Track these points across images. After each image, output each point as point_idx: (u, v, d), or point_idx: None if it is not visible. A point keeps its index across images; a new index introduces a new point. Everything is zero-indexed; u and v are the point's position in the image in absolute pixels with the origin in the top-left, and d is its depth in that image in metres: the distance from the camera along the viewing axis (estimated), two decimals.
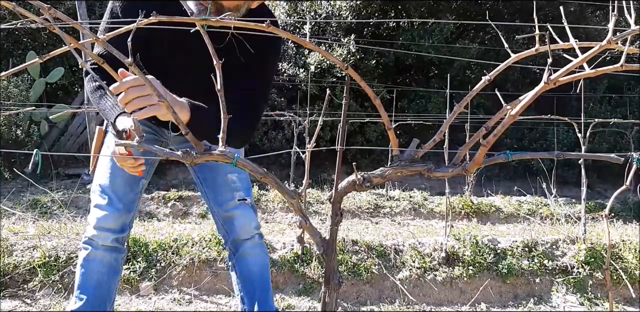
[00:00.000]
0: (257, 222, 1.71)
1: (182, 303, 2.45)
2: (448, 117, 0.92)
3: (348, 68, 0.79)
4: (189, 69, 1.47)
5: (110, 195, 1.55)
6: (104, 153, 1.59)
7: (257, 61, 1.46)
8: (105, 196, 1.56)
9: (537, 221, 4.08)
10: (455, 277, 2.74)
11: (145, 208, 4.14)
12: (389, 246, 2.90)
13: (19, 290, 2.43)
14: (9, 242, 2.63)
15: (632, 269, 2.82)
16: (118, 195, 1.56)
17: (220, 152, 0.85)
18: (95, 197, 1.57)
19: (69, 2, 6.39)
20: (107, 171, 1.58)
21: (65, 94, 6.56)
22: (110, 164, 1.58)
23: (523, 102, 0.76)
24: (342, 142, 1.72)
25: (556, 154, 0.79)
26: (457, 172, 0.85)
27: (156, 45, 1.46)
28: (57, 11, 0.72)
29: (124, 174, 1.60)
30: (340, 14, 6.35)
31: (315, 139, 2.68)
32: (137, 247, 2.68)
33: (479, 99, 6.44)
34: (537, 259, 2.89)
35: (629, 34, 0.68)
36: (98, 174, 1.61)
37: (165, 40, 1.40)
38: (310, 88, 5.45)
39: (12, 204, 3.89)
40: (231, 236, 1.69)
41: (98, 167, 1.62)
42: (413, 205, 4.50)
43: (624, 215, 4.55)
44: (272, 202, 4.32)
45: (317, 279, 2.65)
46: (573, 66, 0.71)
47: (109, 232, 1.54)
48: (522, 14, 6.85)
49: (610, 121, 3.17)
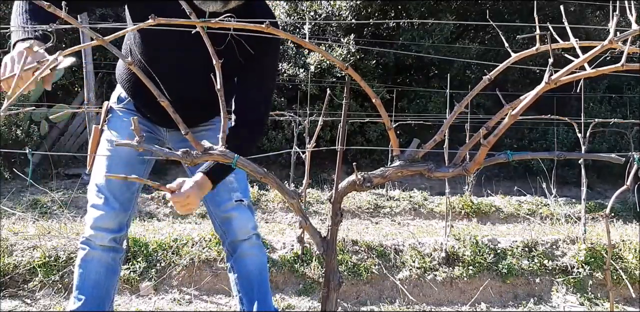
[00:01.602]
0: (254, 222, 1.70)
1: (182, 303, 2.45)
2: (448, 117, 0.92)
3: (348, 68, 0.79)
4: (188, 68, 1.47)
5: (107, 194, 1.55)
6: (101, 152, 1.59)
7: (256, 63, 1.47)
8: (102, 195, 1.55)
9: (537, 221, 4.08)
10: (455, 277, 2.74)
11: (145, 208, 4.14)
12: (389, 246, 2.90)
13: (19, 290, 2.42)
14: (9, 242, 2.63)
15: (632, 269, 2.82)
16: (114, 194, 1.55)
17: (220, 152, 0.85)
18: (92, 196, 1.57)
19: None
20: (103, 170, 1.57)
21: (65, 94, 6.56)
22: (106, 162, 1.58)
23: (524, 102, 0.76)
24: (342, 142, 1.72)
25: (556, 154, 0.79)
26: (458, 172, 0.85)
27: (156, 45, 1.46)
28: (57, 9, 0.72)
29: (120, 172, 1.60)
30: (340, 14, 6.35)
31: (315, 139, 2.68)
32: (137, 247, 2.68)
33: (479, 99, 6.43)
34: (537, 259, 2.89)
35: (630, 34, 0.68)
36: (94, 173, 1.60)
37: (165, 40, 1.40)
38: (310, 88, 5.44)
39: (12, 204, 3.89)
40: (229, 237, 1.68)
41: (94, 166, 1.62)
42: (413, 205, 4.50)
43: (624, 215, 4.55)
44: (272, 202, 4.31)
45: (317, 279, 2.65)
46: (574, 66, 0.71)
47: (106, 232, 1.53)
48: (522, 14, 6.85)
49: (610, 121, 3.17)
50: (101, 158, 1.58)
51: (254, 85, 1.50)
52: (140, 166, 1.62)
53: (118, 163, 1.58)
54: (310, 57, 5.88)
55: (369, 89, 0.82)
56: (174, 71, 1.48)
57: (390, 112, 4.82)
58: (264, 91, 1.53)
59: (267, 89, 1.55)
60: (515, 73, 6.80)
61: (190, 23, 0.78)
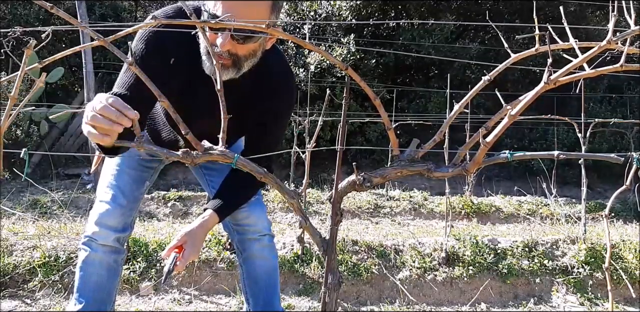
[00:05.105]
0: (266, 221, 1.68)
1: (182, 303, 2.45)
2: (448, 117, 0.92)
3: (348, 68, 0.79)
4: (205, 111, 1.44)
5: (115, 191, 1.56)
6: None
7: (271, 117, 1.50)
8: (110, 191, 1.56)
9: (537, 221, 4.08)
10: (455, 277, 2.74)
11: (145, 208, 4.14)
12: (389, 246, 2.90)
13: (19, 290, 2.42)
14: (9, 242, 2.63)
15: (632, 269, 2.82)
16: (123, 191, 1.56)
17: (220, 152, 0.85)
18: (100, 192, 1.58)
19: (69, 2, 6.39)
20: (114, 169, 1.60)
21: (65, 94, 6.56)
22: (118, 161, 1.60)
23: (523, 102, 0.76)
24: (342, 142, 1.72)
25: (556, 154, 0.79)
26: (457, 172, 0.85)
27: (173, 88, 1.43)
28: (59, 10, 0.72)
29: (130, 171, 1.61)
30: (340, 14, 6.35)
31: (315, 139, 2.68)
32: (137, 247, 2.68)
33: (479, 99, 6.43)
34: (537, 259, 2.89)
35: (628, 35, 0.68)
36: (105, 171, 1.63)
37: (182, 83, 1.39)
38: (310, 88, 5.44)
39: (12, 204, 3.89)
40: (237, 234, 1.67)
41: (105, 165, 1.65)
42: (413, 205, 4.50)
43: (624, 215, 4.55)
44: (272, 202, 4.31)
45: (317, 279, 2.65)
46: (573, 66, 0.71)
47: (110, 230, 1.52)
48: (522, 14, 6.85)
49: (610, 121, 3.17)
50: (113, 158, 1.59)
51: (265, 133, 1.53)
52: (148, 169, 1.69)
53: (129, 163, 1.62)
54: (310, 57, 5.88)
55: (369, 89, 0.82)
56: (192, 113, 1.47)
57: (390, 112, 4.82)
58: (274, 139, 1.57)
59: (276, 136, 1.58)
60: (515, 73, 6.80)
61: (190, 23, 0.78)
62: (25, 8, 6.16)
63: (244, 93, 1.41)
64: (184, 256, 1.35)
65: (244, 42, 1.22)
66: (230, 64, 1.27)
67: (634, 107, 6.39)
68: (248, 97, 1.43)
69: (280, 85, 1.48)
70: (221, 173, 1.61)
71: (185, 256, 1.35)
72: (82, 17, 4.20)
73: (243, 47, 1.24)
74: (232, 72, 1.29)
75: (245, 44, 1.24)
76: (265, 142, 1.51)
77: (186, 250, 1.37)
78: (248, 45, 1.25)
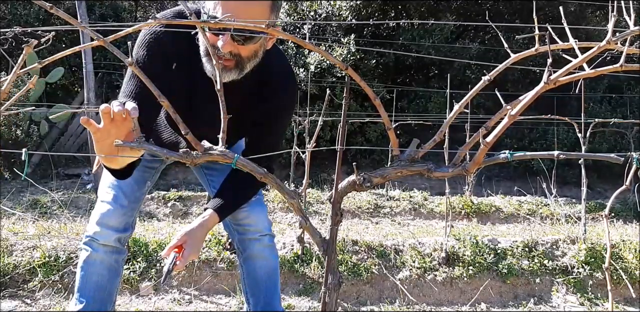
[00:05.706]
0: (267, 221, 1.68)
1: (182, 303, 2.45)
2: (448, 117, 0.92)
3: (348, 68, 0.79)
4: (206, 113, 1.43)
5: (117, 191, 1.56)
6: None
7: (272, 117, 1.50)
8: (112, 192, 1.56)
9: (537, 221, 4.08)
10: (455, 278, 2.74)
11: (145, 208, 4.14)
12: (389, 246, 2.90)
13: (19, 290, 2.42)
14: (9, 242, 2.63)
15: (632, 269, 2.82)
16: (125, 192, 1.56)
17: (220, 152, 0.85)
18: (102, 193, 1.59)
19: (69, 2, 6.39)
20: None
21: (65, 94, 6.56)
22: None
23: (523, 102, 0.76)
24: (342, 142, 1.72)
25: (556, 154, 0.79)
26: (457, 172, 0.85)
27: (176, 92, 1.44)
28: (59, 10, 0.72)
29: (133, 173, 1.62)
30: (340, 14, 6.34)
31: (315, 139, 2.68)
32: (137, 247, 2.68)
33: (479, 99, 6.43)
34: (537, 259, 2.89)
35: (628, 35, 0.68)
36: (106, 172, 1.62)
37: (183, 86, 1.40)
38: (310, 88, 5.44)
39: (12, 204, 3.89)
40: (238, 234, 1.67)
41: None
42: (413, 205, 4.50)
43: (624, 215, 4.54)
44: (272, 202, 4.31)
45: (317, 279, 2.65)
46: (573, 66, 0.71)
47: (112, 230, 1.52)
48: (522, 14, 6.85)
49: (610, 121, 3.17)
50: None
51: (266, 133, 1.53)
52: (150, 169, 1.70)
53: None
54: (310, 57, 5.88)
55: (369, 89, 0.82)
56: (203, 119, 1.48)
57: (390, 112, 4.82)
58: (275, 139, 1.58)
59: (277, 136, 1.59)
60: (515, 73, 6.80)
61: (190, 23, 0.78)
62: (25, 8, 6.15)
63: (245, 93, 1.41)
64: (183, 256, 1.35)
65: (245, 43, 1.22)
66: (233, 65, 1.27)
67: (634, 107, 6.39)
68: (249, 98, 1.43)
69: (281, 85, 1.48)
70: (222, 173, 1.61)
71: (185, 256, 1.35)
72: (82, 17, 4.20)
73: (245, 48, 1.25)
74: (235, 73, 1.30)
75: (246, 45, 1.24)
76: (266, 142, 1.51)
77: (186, 250, 1.36)
78: (249, 46, 1.25)
